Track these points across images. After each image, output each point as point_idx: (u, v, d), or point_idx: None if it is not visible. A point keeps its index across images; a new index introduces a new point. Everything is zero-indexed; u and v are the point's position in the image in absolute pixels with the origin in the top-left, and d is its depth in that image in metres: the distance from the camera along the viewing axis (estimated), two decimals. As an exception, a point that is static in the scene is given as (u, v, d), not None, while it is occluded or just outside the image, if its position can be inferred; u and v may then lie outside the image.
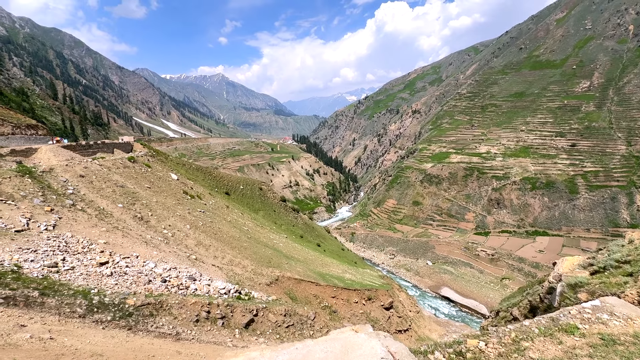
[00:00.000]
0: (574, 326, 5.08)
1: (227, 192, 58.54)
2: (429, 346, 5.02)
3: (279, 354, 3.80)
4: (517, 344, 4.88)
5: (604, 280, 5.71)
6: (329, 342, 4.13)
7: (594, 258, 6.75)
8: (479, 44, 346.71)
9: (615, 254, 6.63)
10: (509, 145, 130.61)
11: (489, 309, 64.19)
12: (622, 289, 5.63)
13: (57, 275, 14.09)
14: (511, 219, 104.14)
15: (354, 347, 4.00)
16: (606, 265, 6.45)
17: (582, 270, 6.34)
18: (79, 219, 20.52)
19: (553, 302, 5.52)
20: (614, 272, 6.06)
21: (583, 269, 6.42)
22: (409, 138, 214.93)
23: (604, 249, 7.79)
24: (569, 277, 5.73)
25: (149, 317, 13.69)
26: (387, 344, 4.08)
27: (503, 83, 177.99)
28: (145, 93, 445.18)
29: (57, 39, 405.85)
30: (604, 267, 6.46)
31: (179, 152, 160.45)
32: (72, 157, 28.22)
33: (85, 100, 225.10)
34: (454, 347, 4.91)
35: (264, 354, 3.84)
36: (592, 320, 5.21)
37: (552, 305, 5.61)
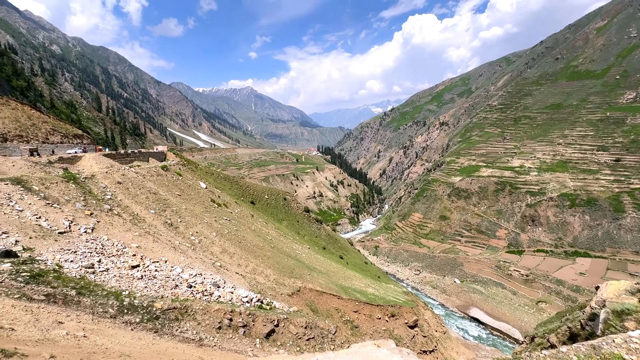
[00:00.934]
0: (618, 356, 4.54)
1: (252, 201, 59.70)
2: None
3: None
4: None
5: None
6: (350, 355, 4.03)
7: (644, 283, 6.10)
8: (511, 55, 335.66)
9: None
10: (545, 159, 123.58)
11: (523, 333, 59.78)
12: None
13: (93, 276, 14.90)
14: (548, 237, 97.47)
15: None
16: None
17: (630, 297, 5.70)
18: (115, 223, 21.69)
19: (596, 330, 5.00)
20: (669, 300, 5.42)
21: (631, 295, 5.77)
22: (436, 150, 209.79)
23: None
24: (614, 303, 5.16)
25: (174, 322, 14.06)
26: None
27: (538, 94, 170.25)
28: (179, 105, 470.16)
29: (103, 56, 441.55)
30: None
31: (208, 161, 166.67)
32: (111, 165, 30.11)
33: (125, 112, 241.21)
34: None
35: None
36: (639, 351, 4.62)
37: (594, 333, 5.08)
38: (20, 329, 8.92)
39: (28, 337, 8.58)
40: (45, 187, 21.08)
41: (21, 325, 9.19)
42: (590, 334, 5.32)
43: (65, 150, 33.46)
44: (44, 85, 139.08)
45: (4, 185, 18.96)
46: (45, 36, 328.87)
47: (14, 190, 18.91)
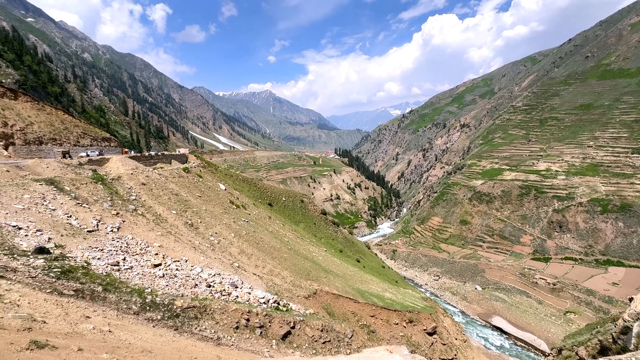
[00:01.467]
0: None
1: (270, 203, 60.37)
2: None
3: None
4: None
5: None
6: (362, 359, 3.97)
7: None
8: (537, 54, 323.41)
9: None
10: (574, 163, 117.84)
11: (550, 345, 56.97)
12: None
13: (118, 273, 15.52)
14: (577, 244, 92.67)
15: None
16: None
17: None
18: (139, 222, 22.52)
19: (628, 345, 4.64)
20: None
21: None
22: (456, 153, 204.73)
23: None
24: None
25: (194, 320, 14.40)
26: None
27: (566, 94, 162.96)
28: (200, 109, 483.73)
29: (130, 63, 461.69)
30: None
31: (227, 163, 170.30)
32: (136, 167, 31.33)
33: (150, 116, 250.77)
34: None
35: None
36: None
37: (626, 348, 4.74)
38: (51, 322, 9.40)
39: (58, 330, 9.03)
40: (76, 188, 22.21)
41: (52, 318, 9.69)
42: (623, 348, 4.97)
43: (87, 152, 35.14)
44: (76, 91, 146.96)
45: (39, 185, 20.13)
46: (77, 45, 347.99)
47: (47, 191, 20.04)
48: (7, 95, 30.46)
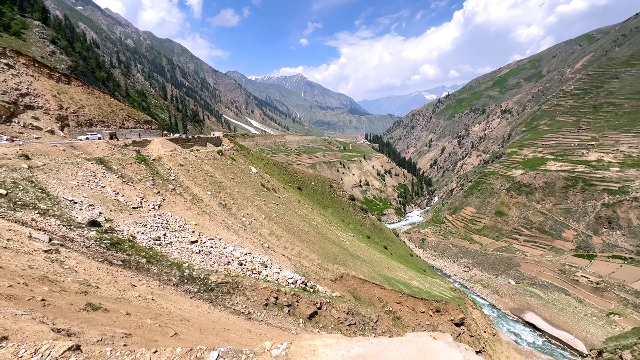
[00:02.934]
0: None
1: (299, 187, 61.25)
2: None
3: (354, 345, 3.84)
4: None
5: None
6: (404, 343, 4.02)
7: None
8: (595, 32, 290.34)
9: None
10: (631, 153, 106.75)
11: (588, 346, 53.86)
12: None
13: (159, 247, 16.73)
14: (627, 242, 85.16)
15: (432, 354, 3.85)
16: None
17: None
18: (178, 201, 23.90)
19: None
20: None
21: None
22: (495, 141, 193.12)
23: None
24: None
25: (227, 295, 15.27)
26: (470, 357, 3.78)
27: (627, 77, 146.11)
28: (233, 93, 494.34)
29: (169, 48, 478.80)
30: None
31: (258, 147, 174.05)
32: (175, 149, 32.98)
33: (186, 100, 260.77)
34: None
35: (340, 342, 3.95)
36: None
37: None
38: (104, 287, 10.43)
39: (109, 295, 10.00)
40: (122, 167, 23.92)
41: (104, 284, 10.73)
42: None
43: (137, 134, 37.43)
44: (121, 76, 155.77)
45: (91, 164, 21.91)
46: (121, 31, 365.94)
47: (98, 169, 21.78)
48: (62, 80, 33.00)
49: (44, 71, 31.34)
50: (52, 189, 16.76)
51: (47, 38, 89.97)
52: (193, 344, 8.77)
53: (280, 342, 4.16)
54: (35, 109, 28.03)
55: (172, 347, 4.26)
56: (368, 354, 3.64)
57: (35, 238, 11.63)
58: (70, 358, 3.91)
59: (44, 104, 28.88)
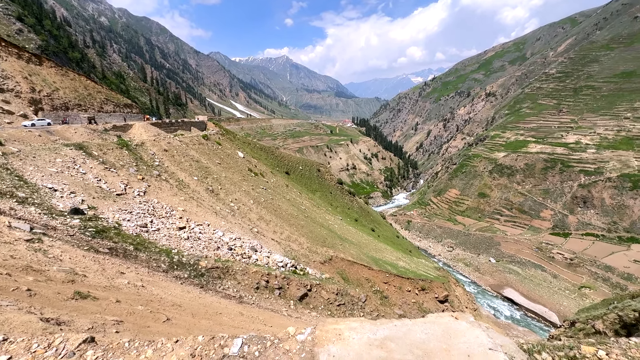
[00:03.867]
0: None
1: (287, 172, 61.01)
2: (534, 345, 4.58)
3: (379, 328, 3.96)
4: None
5: None
6: (428, 324, 4.18)
7: None
8: (578, 14, 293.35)
9: None
10: (607, 135, 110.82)
11: (561, 317, 57.55)
12: None
13: (147, 234, 16.49)
14: (600, 221, 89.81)
15: (456, 333, 3.98)
16: None
17: None
18: (163, 187, 23.43)
19: None
20: None
21: None
22: (479, 124, 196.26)
23: None
24: None
25: (217, 279, 15.34)
26: (492, 335, 3.98)
27: (606, 60, 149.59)
28: (217, 75, 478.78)
29: (146, 27, 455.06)
30: None
31: (244, 131, 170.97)
32: (158, 133, 32.02)
33: (167, 83, 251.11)
34: (565, 350, 4.39)
35: (364, 325, 4.05)
36: None
37: None
38: (91, 276, 10.26)
39: (97, 283, 9.87)
40: (103, 153, 23.10)
41: (91, 273, 10.56)
42: None
43: (117, 119, 36.01)
44: (96, 56, 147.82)
45: (69, 150, 21.05)
46: (94, 8, 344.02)
47: (77, 155, 20.96)
48: (32, 61, 31.05)
49: (12, 51, 29.37)
50: (29, 177, 16.09)
51: (13, 15, 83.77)
52: (186, 328, 8.85)
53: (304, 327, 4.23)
54: (4, 91, 26.43)
55: (193, 336, 4.29)
56: (394, 336, 3.75)
57: (16, 227, 11.23)
58: (87, 351, 3.86)
59: (14, 86, 27.24)
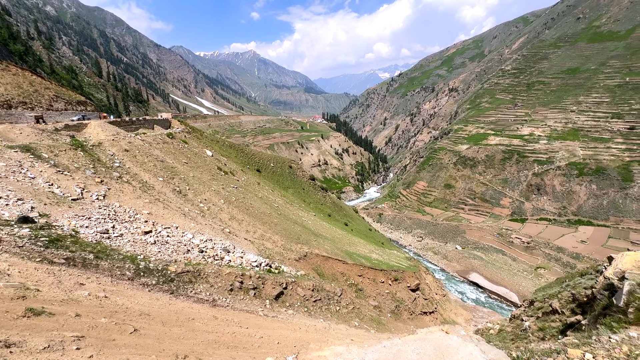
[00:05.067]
0: None
1: (258, 170, 59.99)
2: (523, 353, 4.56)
3: (367, 351, 3.70)
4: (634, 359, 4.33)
5: None
6: (418, 342, 3.93)
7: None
8: (530, 14, 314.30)
9: None
10: (556, 127, 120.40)
11: (521, 297, 62.12)
12: None
13: (108, 241, 15.45)
14: (552, 206, 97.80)
15: (448, 350, 3.80)
16: None
17: None
18: (125, 190, 22.07)
19: (618, 302, 5.09)
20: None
21: None
22: (443, 118, 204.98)
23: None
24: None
25: (189, 284, 14.75)
26: (484, 349, 3.83)
27: (554, 58, 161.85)
28: (180, 71, 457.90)
29: (100, 18, 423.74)
30: None
31: (212, 129, 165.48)
32: (117, 132, 30.06)
33: (126, 78, 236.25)
34: (554, 356, 4.40)
35: (351, 349, 3.74)
36: None
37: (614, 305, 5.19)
38: (45, 289, 9.41)
39: (53, 298, 9.07)
40: (55, 155, 21.26)
41: (45, 286, 9.69)
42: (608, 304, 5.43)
43: (70, 117, 33.26)
44: (42, 49, 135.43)
45: (14, 152, 19.14)
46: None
47: (24, 158, 19.11)
48: (-36, 53, 27.72)
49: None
50: (-34, 183, 14.43)
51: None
52: (156, 338, 8.42)
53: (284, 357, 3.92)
54: None
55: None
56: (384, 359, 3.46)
57: (-49, 241, 10.02)
58: None
59: (-57, 82, 24.21)
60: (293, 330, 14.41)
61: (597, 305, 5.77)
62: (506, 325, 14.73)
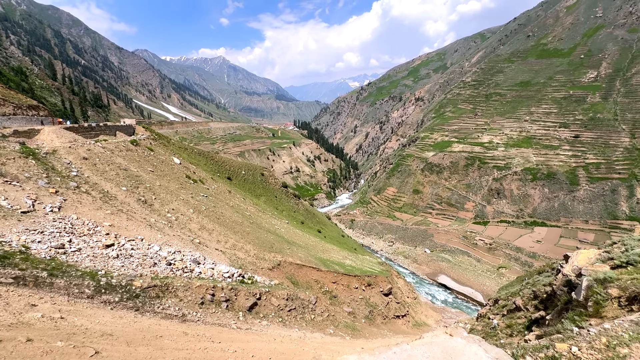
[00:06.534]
0: None
1: (229, 177, 58.57)
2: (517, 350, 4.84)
3: (379, 358, 3.82)
4: (614, 350, 4.71)
5: (636, 277, 5.71)
6: (426, 346, 4.10)
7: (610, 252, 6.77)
8: (486, 31, 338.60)
9: (637, 249, 6.63)
10: (512, 135, 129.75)
11: (485, 296, 65.32)
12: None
13: (64, 256, 14.26)
14: (510, 209, 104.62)
15: (455, 352, 4.00)
16: (629, 261, 6.45)
17: (602, 265, 6.36)
18: (84, 201, 20.61)
19: (578, 297, 5.57)
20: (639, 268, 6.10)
21: (602, 263, 6.45)
22: (411, 126, 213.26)
23: (618, 242, 7.82)
24: (597, 272, 5.74)
25: (156, 299, 13.95)
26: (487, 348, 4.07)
27: (509, 71, 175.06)
28: (145, 75, 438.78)
29: (54, 17, 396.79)
30: (627, 262, 6.45)
31: (179, 135, 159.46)
32: (75, 139, 28.10)
33: (84, 81, 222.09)
34: (544, 351, 4.71)
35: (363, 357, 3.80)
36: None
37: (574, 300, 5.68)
38: (-10, 313, 8.48)
39: (0, 322, 8.19)
40: (1, 164, 19.41)
41: (-10, 310, 8.73)
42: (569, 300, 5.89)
43: (19, 122, 30.58)
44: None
45: (-48, 161, 17.23)
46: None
47: (-36, 167, 17.25)
48: None
49: None
50: None
51: None
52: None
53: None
54: None
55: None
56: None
57: None
58: None
59: None
60: (268, 342, 14.08)
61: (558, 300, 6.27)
62: (476, 324, 15.41)
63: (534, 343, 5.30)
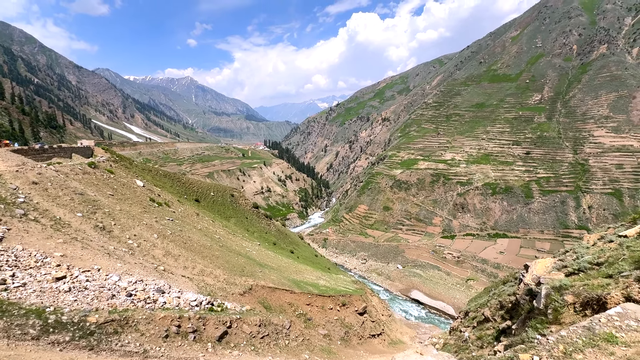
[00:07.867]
0: (611, 335, 5.13)
1: (197, 199, 56.43)
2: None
3: None
4: (570, 357, 4.86)
5: (587, 283, 6.15)
6: None
7: (563, 260, 7.31)
8: (444, 57, 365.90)
9: (586, 257, 7.22)
10: (472, 153, 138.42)
11: (456, 309, 66.77)
12: (607, 291, 5.99)
13: (6, 293, 12.73)
14: (474, 222, 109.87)
15: None
16: (580, 267, 7.00)
17: (558, 272, 6.83)
18: (32, 230, 18.79)
19: (539, 305, 5.88)
20: (590, 274, 6.61)
21: (557, 271, 6.92)
22: (379, 145, 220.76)
23: (570, 250, 8.45)
24: (554, 280, 6.13)
25: (113, 335, 12.75)
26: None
27: (465, 94, 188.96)
28: (106, 94, 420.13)
29: (5, 34, 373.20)
30: (579, 269, 7.00)
31: (143, 157, 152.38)
32: (23, 163, 25.88)
33: (37, 101, 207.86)
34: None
35: None
36: (624, 328, 5.24)
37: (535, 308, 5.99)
38: None
39: None
40: None
41: None
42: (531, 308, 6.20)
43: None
44: None
45: None
46: None
47: None
48: None
49: None
50: None
51: None
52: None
53: None
54: None
55: None
56: None
57: None
58: None
59: None
60: (239, 374, 13.26)
61: (522, 309, 6.58)
62: (448, 338, 15.62)
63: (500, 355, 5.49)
